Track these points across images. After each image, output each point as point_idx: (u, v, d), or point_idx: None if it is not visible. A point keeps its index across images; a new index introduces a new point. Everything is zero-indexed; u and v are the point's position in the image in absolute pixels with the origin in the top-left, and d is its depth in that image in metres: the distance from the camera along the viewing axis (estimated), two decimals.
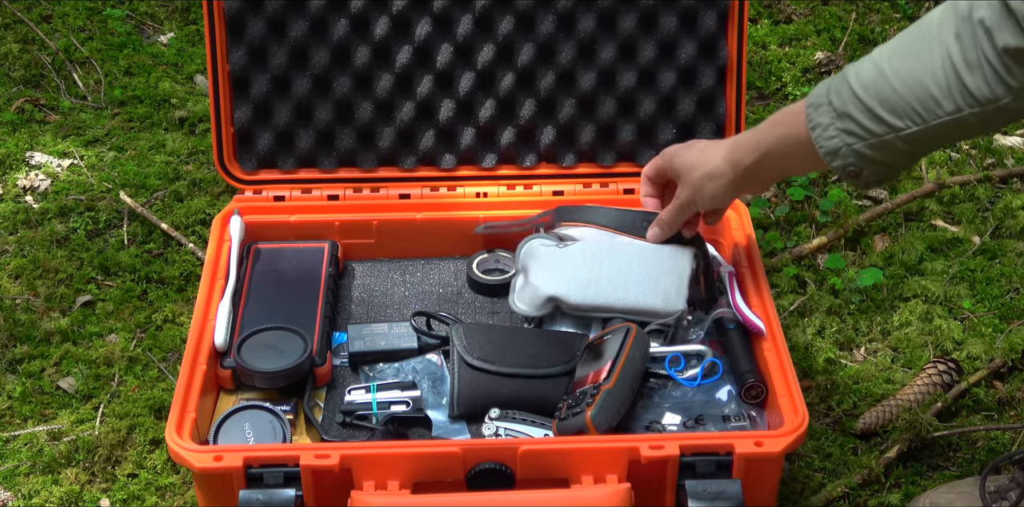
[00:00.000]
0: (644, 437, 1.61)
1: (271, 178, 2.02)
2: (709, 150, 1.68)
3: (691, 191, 1.70)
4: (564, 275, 1.82)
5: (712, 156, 1.66)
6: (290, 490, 1.55)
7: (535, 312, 1.83)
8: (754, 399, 1.75)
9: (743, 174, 1.62)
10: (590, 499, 1.55)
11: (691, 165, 1.70)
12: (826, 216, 2.31)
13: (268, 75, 1.98)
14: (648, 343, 1.74)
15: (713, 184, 1.67)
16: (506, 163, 2.04)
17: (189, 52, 2.75)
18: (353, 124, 2.01)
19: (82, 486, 1.85)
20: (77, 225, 2.30)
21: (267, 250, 1.97)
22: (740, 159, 1.61)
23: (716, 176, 1.66)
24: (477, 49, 1.98)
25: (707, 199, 1.70)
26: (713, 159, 1.66)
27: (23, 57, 2.70)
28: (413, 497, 1.56)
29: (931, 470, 1.88)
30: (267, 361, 1.74)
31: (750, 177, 1.63)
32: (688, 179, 1.70)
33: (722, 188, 1.66)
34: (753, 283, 1.85)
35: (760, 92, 2.63)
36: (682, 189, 1.73)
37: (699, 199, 1.71)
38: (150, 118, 2.58)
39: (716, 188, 1.67)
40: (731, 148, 1.64)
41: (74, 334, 2.09)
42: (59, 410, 1.97)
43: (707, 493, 1.55)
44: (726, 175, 1.65)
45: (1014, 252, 2.25)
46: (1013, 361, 2.05)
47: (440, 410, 1.76)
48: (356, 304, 1.95)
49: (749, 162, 1.60)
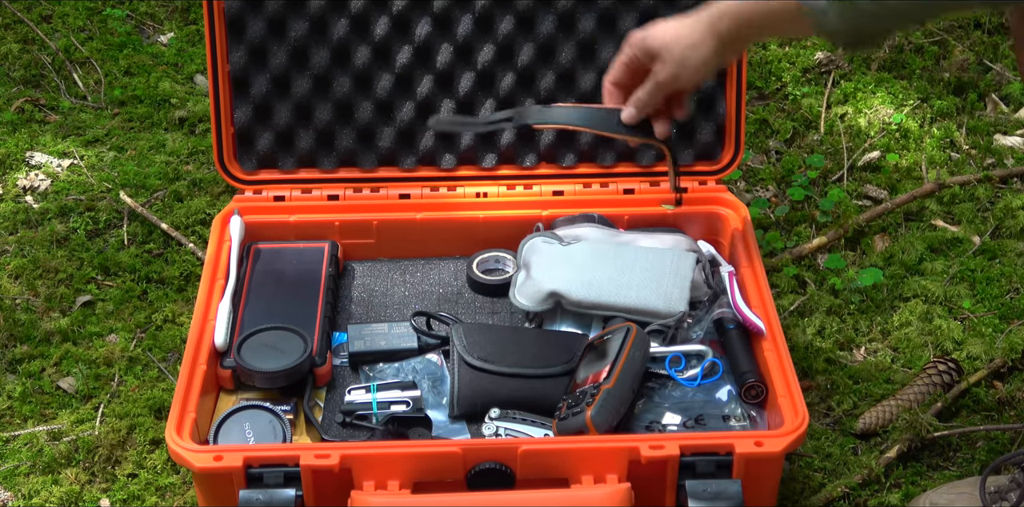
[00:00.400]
0: (644, 437, 1.61)
1: (271, 178, 2.02)
2: (685, 24, 1.67)
3: (674, 66, 1.67)
4: (566, 272, 1.83)
5: (692, 29, 1.66)
6: (290, 490, 1.55)
7: (536, 307, 1.83)
8: (754, 399, 1.75)
9: (725, 40, 1.64)
10: (590, 499, 1.55)
11: (671, 39, 1.68)
12: (826, 216, 2.31)
13: (268, 75, 1.98)
14: (648, 343, 1.74)
15: (697, 54, 1.65)
16: (506, 163, 2.04)
17: (189, 52, 2.75)
18: (353, 124, 2.01)
19: (82, 486, 1.85)
20: (77, 225, 2.30)
21: (267, 250, 1.97)
22: (723, 28, 1.63)
23: (699, 45, 1.65)
24: (477, 49, 1.98)
25: (691, 70, 1.67)
26: (694, 31, 1.66)
27: (23, 57, 2.70)
28: (413, 497, 1.56)
29: (931, 470, 1.88)
30: (267, 361, 1.74)
31: (730, 44, 1.65)
32: (669, 54, 1.68)
33: (705, 58, 1.65)
34: (753, 283, 1.85)
35: (760, 92, 2.63)
36: (661, 66, 1.68)
37: (682, 72, 1.67)
38: (150, 118, 2.58)
39: (699, 58, 1.65)
40: (711, 19, 1.64)
41: (74, 334, 2.09)
42: (59, 410, 1.97)
43: (707, 493, 1.55)
44: (708, 43, 1.64)
45: (1014, 252, 2.25)
46: (1013, 361, 2.05)
47: (440, 410, 1.76)
48: (356, 304, 1.95)
49: (731, 30, 1.63)
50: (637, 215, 2.00)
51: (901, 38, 2.70)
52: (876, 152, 2.47)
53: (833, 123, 2.54)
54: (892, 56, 2.68)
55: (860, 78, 2.63)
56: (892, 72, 2.66)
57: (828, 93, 2.60)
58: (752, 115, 2.54)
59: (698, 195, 2.02)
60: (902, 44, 2.71)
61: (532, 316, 1.88)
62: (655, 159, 2.04)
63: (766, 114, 2.55)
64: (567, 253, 1.87)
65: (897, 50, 2.69)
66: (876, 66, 2.67)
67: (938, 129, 2.52)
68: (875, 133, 2.52)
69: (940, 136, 2.51)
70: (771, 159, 2.47)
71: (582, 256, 1.85)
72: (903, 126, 2.52)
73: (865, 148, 2.48)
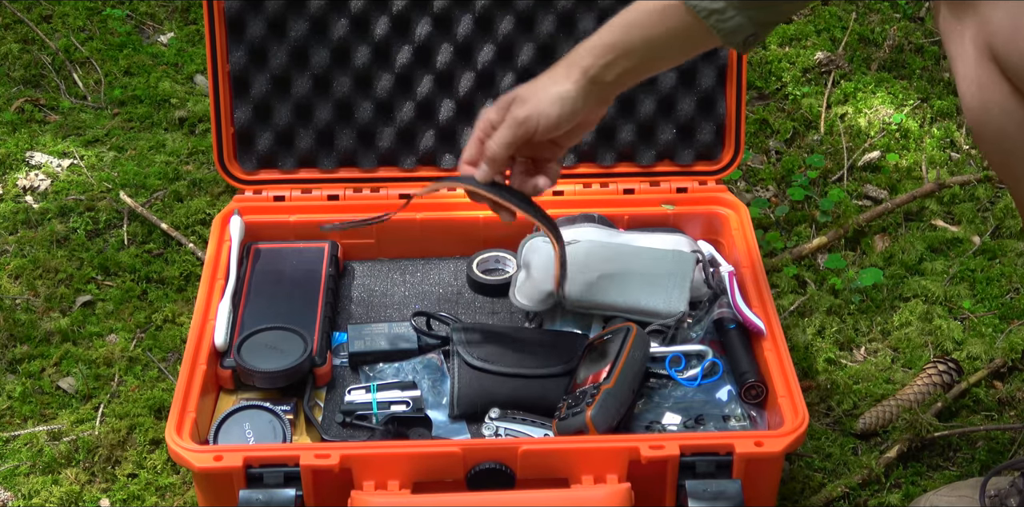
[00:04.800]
0: (644, 437, 1.61)
1: (271, 178, 2.02)
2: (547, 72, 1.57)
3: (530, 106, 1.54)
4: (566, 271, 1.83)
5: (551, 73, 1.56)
6: (290, 490, 1.55)
7: (536, 307, 1.83)
8: (754, 399, 1.75)
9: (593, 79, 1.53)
10: (590, 499, 1.55)
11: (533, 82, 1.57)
12: (826, 216, 2.31)
13: (268, 75, 1.98)
14: (648, 343, 1.74)
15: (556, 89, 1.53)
16: None
17: (189, 52, 2.75)
18: (353, 124, 2.01)
19: (82, 486, 1.85)
20: (77, 225, 2.30)
21: (267, 250, 1.97)
22: (589, 64, 1.53)
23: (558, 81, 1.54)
24: (477, 49, 1.98)
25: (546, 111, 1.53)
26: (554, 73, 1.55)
27: (23, 57, 2.70)
28: (413, 497, 1.56)
29: (931, 470, 1.88)
30: (267, 361, 1.74)
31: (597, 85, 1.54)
32: (526, 93, 1.56)
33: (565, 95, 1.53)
34: (753, 283, 1.86)
35: (760, 92, 2.63)
36: (517, 106, 1.56)
37: (535, 114, 1.54)
38: (150, 118, 2.57)
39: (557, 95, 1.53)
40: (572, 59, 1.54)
41: (74, 334, 2.09)
42: (59, 410, 1.97)
43: (707, 493, 1.56)
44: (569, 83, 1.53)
45: (1014, 252, 2.25)
46: (1013, 361, 2.05)
47: (440, 410, 1.76)
48: (356, 304, 1.95)
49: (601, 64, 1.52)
50: (637, 215, 2.00)
51: (901, 38, 2.70)
52: (876, 152, 2.47)
53: (833, 123, 2.54)
54: (892, 56, 2.68)
55: (860, 78, 2.63)
56: (892, 72, 2.66)
57: (828, 93, 2.60)
58: (752, 115, 2.54)
59: (698, 195, 2.03)
60: (902, 44, 2.70)
61: (532, 316, 1.88)
62: (655, 159, 2.05)
63: (766, 114, 2.55)
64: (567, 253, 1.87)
65: (897, 50, 2.69)
66: (876, 66, 2.67)
67: (938, 129, 2.52)
68: (875, 133, 2.52)
69: (940, 136, 2.51)
70: (771, 159, 2.47)
71: (582, 256, 1.85)
72: (903, 126, 2.52)
73: (865, 148, 2.48)
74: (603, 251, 1.87)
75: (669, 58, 1.59)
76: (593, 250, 1.87)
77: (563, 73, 1.55)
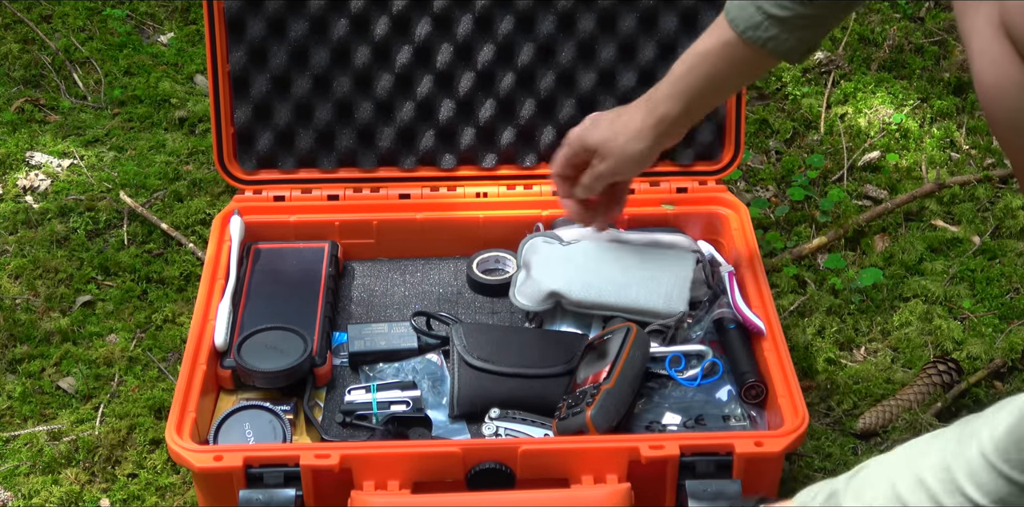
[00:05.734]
0: (644, 437, 1.61)
1: (271, 178, 2.03)
2: (622, 115, 1.69)
3: (614, 160, 1.70)
4: (567, 271, 1.83)
5: (630, 119, 1.68)
6: (290, 490, 1.55)
7: (536, 307, 1.83)
8: (754, 399, 1.75)
9: (669, 127, 1.65)
10: (590, 499, 1.55)
11: (611, 134, 1.69)
12: (826, 216, 2.31)
13: (268, 75, 1.98)
14: (648, 343, 1.74)
15: (638, 146, 1.67)
16: (506, 163, 2.04)
17: (189, 52, 2.75)
18: (353, 124, 2.01)
19: (82, 486, 1.85)
20: (77, 225, 2.30)
21: (267, 250, 1.97)
22: (666, 112, 1.64)
23: (641, 137, 1.67)
24: (477, 49, 1.98)
25: (630, 163, 1.70)
26: (633, 122, 1.67)
27: (23, 57, 2.70)
28: (413, 497, 1.56)
29: None
30: (267, 361, 1.74)
31: (674, 128, 1.67)
32: (607, 150, 1.70)
33: (646, 148, 1.68)
34: (753, 283, 1.86)
35: (760, 92, 2.63)
36: (600, 162, 1.71)
37: (620, 166, 1.70)
38: (150, 118, 2.57)
39: (641, 151, 1.68)
40: (650, 106, 1.66)
41: (74, 334, 2.09)
42: (59, 410, 1.97)
43: (707, 493, 1.56)
44: (647, 136, 1.66)
45: (1014, 252, 2.25)
46: (1013, 361, 2.05)
47: (440, 410, 1.76)
48: (356, 304, 1.95)
49: (677, 112, 1.64)
50: (637, 215, 2.00)
51: (901, 38, 2.70)
52: (876, 152, 2.47)
53: (833, 123, 2.54)
54: (892, 56, 2.68)
55: (860, 78, 2.63)
56: (892, 72, 2.66)
57: (828, 93, 2.60)
58: (752, 115, 2.54)
59: (698, 195, 2.02)
60: (902, 44, 2.70)
61: (532, 316, 1.88)
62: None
63: (766, 114, 2.55)
64: (567, 253, 1.87)
65: (897, 50, 2.69)
66: (876, 66, 2.67)
67: (938, 129, 2.52)
68: (875, 133, 2.52)
69: (940, 136, 2.51)
70: (771, 159, 2.47)
71: (582, 256, 1.85)
72: (903, 126, 2.52)
73: (865, 148, 2.48)
74: (603, 251, 1.87)
75: (736, 87, 1.73)
76: (593, 250, 1.87)
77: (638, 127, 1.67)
